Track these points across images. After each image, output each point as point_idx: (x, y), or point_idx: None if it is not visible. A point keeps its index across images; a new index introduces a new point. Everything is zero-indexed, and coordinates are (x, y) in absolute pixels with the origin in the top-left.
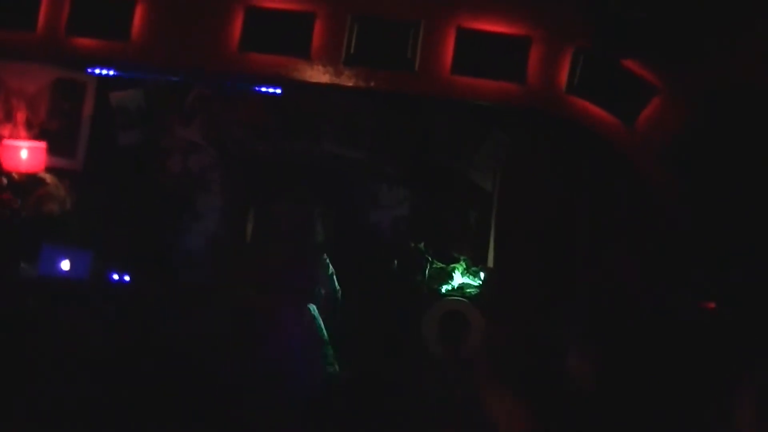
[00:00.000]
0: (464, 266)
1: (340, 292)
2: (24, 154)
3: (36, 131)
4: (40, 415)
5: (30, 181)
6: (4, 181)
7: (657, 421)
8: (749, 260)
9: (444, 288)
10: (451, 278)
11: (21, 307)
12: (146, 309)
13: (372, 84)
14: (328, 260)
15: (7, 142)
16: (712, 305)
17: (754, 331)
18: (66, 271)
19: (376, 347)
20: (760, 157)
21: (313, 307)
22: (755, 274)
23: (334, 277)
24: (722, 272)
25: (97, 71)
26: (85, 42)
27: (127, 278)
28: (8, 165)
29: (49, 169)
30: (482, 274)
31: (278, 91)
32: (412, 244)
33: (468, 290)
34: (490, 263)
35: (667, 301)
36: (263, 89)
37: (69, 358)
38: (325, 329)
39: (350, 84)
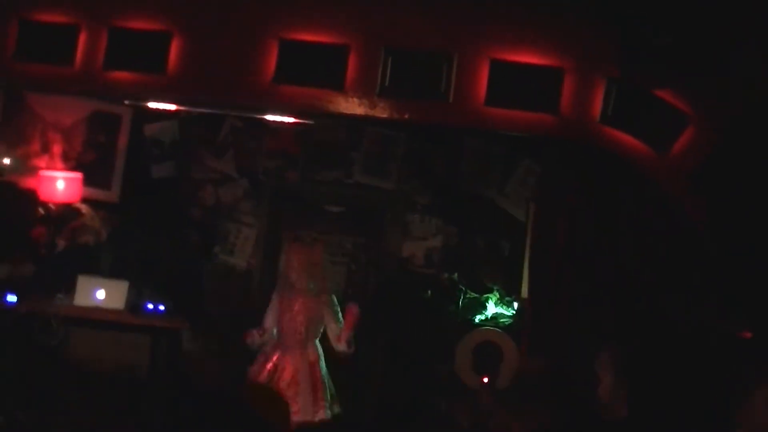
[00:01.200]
0: (497, 296)
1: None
2: (60, 185)
3: (72, 163)
4: None
5: (66, 211)
6: (41, 211)
7: None
8: None
9: (477, 318)
10: (485, 308)
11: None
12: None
13: (406, 115)
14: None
15: (44, 173)
16: (749, 335)
17: None
18: (101, 301)
19: (410, 377)
20: None
21: (318, 346)
22: None
23: (339, 314)
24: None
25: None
26: (121, 75)
27: (161, 308)
28: (45, 195)
29: (84, 200)
30: (516, 304)
31: (311, 122)
32: (446, 275)
33: (501, 320)
34: (524, 293)
35: (701, 328)
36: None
37: None
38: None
39: (384, 115)
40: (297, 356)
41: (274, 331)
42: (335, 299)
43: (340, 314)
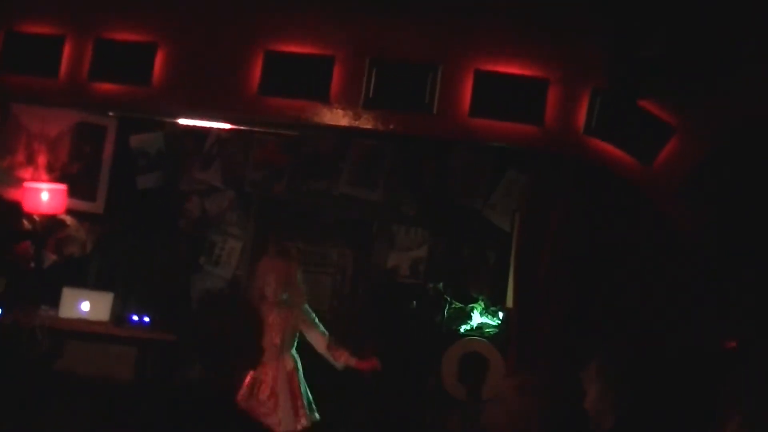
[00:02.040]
0: (483, 306)
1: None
2: (45, 196)
3: (57, 174)
4: None
5: (51, 223)
6: (27, 224)
7: None
8: None
9: (463, 328)
10: (470, 318)
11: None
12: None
13: (391, 126)
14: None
15: (29, 184)
16: (734, 344)
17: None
18: (86, 313)
19: (396, 388)
20: None
21: (295, 355)
22: None
23: (316, 320)
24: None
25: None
26: (106, 87)
27: (147, 319)
28: (29, 207)
29: (69, 212)
30: (501, 314)
31: (296, 133)
32: (431, 285)
33: (487, 330)
34: (509, 303)
35: (691, 338)
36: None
37: None
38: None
39: (369, 126)
40: (274, 368)
41: None
42: (308, 308)
43: (316, 320)
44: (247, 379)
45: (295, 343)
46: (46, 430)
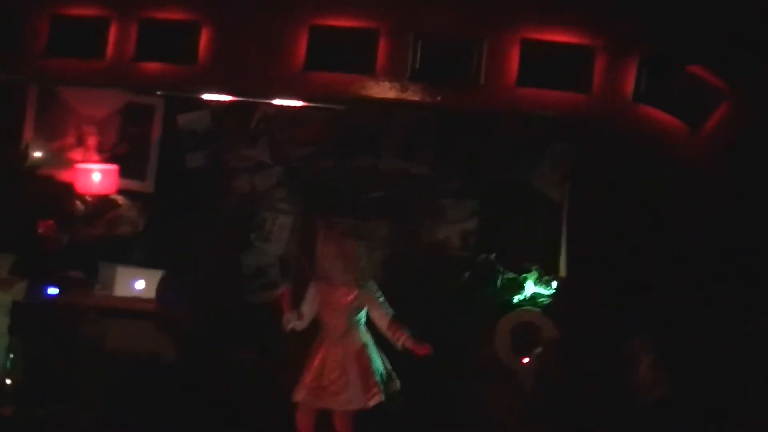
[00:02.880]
0: (536, 276)
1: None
2: (96, 177)
3: (107, 155)
4: None
5: (103, 203)
6: (79, 204)
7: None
8: None
9: (516, 298)
10: (523, 288)
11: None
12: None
13: (438, 99)
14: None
15: (80, 166)
16: None
17: None
18: (140, 291)
19: (449, 361)
20: None
21: (364, 332)
22: None
23: (381, 299)
24: None
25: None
26: (152, 67)
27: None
28: (81, 188)
29: (120, 192)
30: (554, 284)
31: (342, 107)
32: (482, 256)
33: (540, 300)
34: (562, 272)
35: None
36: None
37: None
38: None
39: (416, 99)
40: (341, 348)
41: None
42: (372, 285)
43: (381, 298)
44: (316, 360)
45: (363, 321)
46: (98, 410)
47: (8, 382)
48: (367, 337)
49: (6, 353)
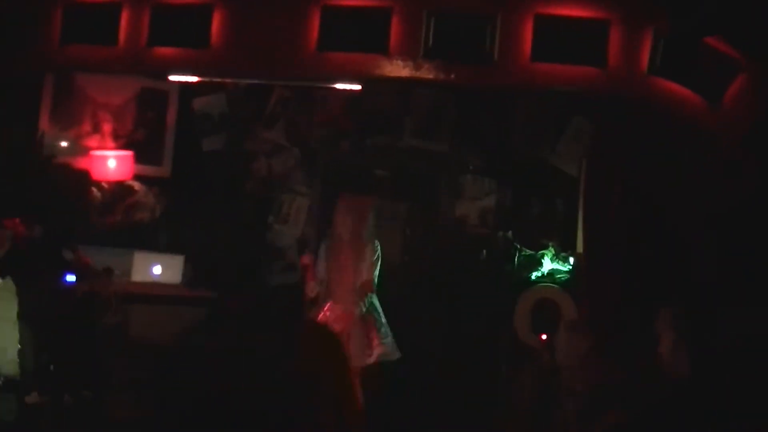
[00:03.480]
0: (553, 252)
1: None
2: (112, 163)
3: (123, 141)
4: None
5: (119, 189)
6: (96, 191)
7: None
8: None
9: (534, 275)
10: (541, 265)
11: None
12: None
13: (452, 77)
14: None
15: (96, 153)
16: None
17: None
18: (158, 276)
19: (467, 339)
20: None
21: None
22: None
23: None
24: None
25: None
26: (165, 51)
27: (218, 280)
28: (98, 175)
29: (137, 177)
30: (572, 260)
31: (358, 87)
32: (500, 234)
33: (558, 276)
34: (579, 248)
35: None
36: (343, 87)
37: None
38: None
39: (430, 77)
40: (346, 306)
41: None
42: (378, 249)
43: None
44: (321, 317)
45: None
46: (125, 395)
47: (24, 370)
48: (373, 299)
49: (21, 341)
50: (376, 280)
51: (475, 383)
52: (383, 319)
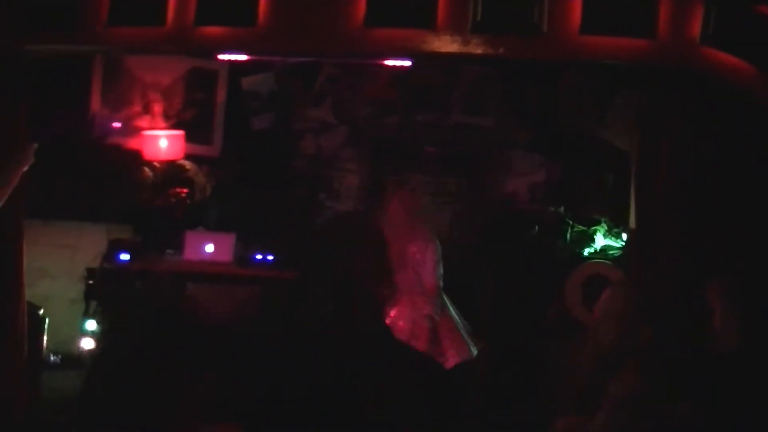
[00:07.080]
0: (605, 228)
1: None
2: (163, 143)
3: (173, 121)
4: None
5: (171, 169)
6: (149, 171)
7: None
8: None
9: (586, 251)
10: (593, 241)
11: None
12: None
13: (501, 51)
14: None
15: (147, 133)
16: None
17: None
18: (210, 254)
19: (520, 317)
20: None
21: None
22: None
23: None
24: None
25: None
26: (213, 30)
27: (270, 258)
28: (149, 155)
29: (187, 157)
30: (624, 235)
31: (407, 63)
32: (552, 209)
33: (611, 252)
34: (632, 224)
35: None
36: (391, 63)
37: None
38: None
39: (478, 52)
40: (414, 313)
41: None
42: (438, 246)
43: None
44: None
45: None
46: (176, 377)
47: (88, 347)
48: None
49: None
50: (441, 282)
51: (526, 362)
52: (458, 319)
